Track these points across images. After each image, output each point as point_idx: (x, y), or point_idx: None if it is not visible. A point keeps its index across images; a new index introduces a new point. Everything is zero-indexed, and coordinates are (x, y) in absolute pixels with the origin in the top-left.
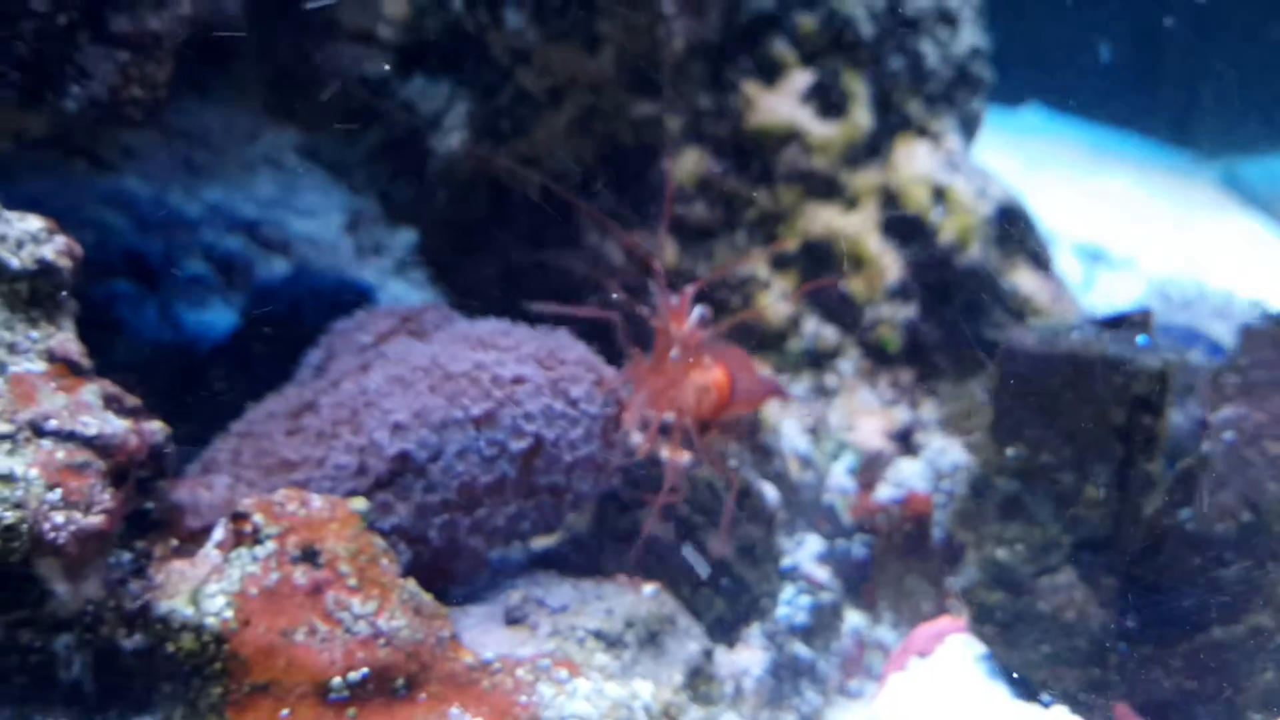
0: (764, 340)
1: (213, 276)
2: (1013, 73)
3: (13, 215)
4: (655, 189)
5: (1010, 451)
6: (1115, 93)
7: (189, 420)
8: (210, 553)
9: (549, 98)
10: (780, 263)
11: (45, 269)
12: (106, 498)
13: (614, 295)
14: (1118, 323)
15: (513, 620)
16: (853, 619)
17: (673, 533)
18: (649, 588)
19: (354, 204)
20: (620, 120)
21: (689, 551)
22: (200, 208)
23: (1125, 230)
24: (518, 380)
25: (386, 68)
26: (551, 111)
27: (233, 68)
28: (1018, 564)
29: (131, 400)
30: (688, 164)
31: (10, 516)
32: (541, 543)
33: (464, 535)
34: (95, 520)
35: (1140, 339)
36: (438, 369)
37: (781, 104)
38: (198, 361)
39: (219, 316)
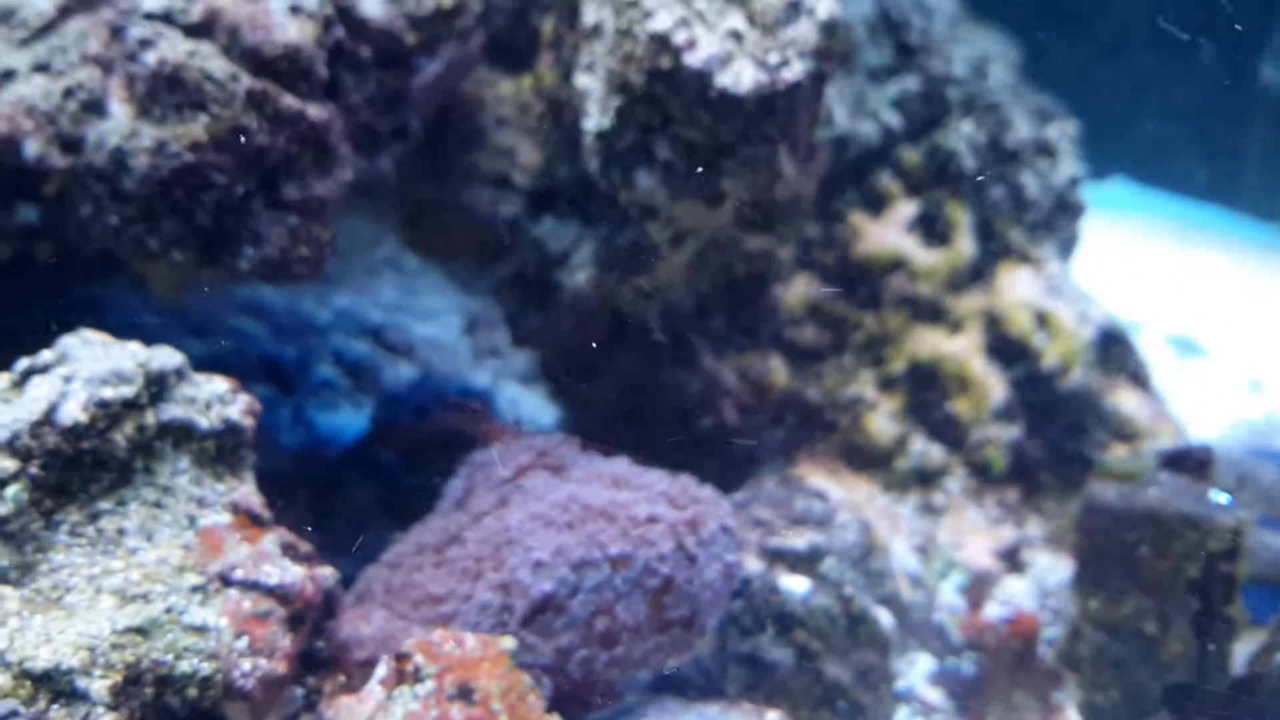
0: (871, 459)
1: (342, 380)
2: (1096, 146)
3: (201, 378)
4: (766, 313)
5: (1093, 604)
6: (1199, 166)
7: (328, 523)
8: (374, 689)
9: (671, 243)
10: (887, 384)
11: (230, 428)
12: (286, 643)
13: (726, 415)
14: (1180, 458)
15: None
16: None
17: (791, 657)
18: (772, 715)
19: (469, 306)
20: (733, 253)
21: None
22: (329, 314)
23: (1215, 314)
24: (652, 520)
25: (518, 210)
26: (673, 251)
27: (366, 203)
28: (1114, 709)
29: (305, 547)
30: (797, 290)
31: (206, 668)
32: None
33: (601, 669)
34: (278, 666)
35: (1216, 493)
36: (575, 506)
37: (888, 233)
38: (331, 466)
39: (349, 420)
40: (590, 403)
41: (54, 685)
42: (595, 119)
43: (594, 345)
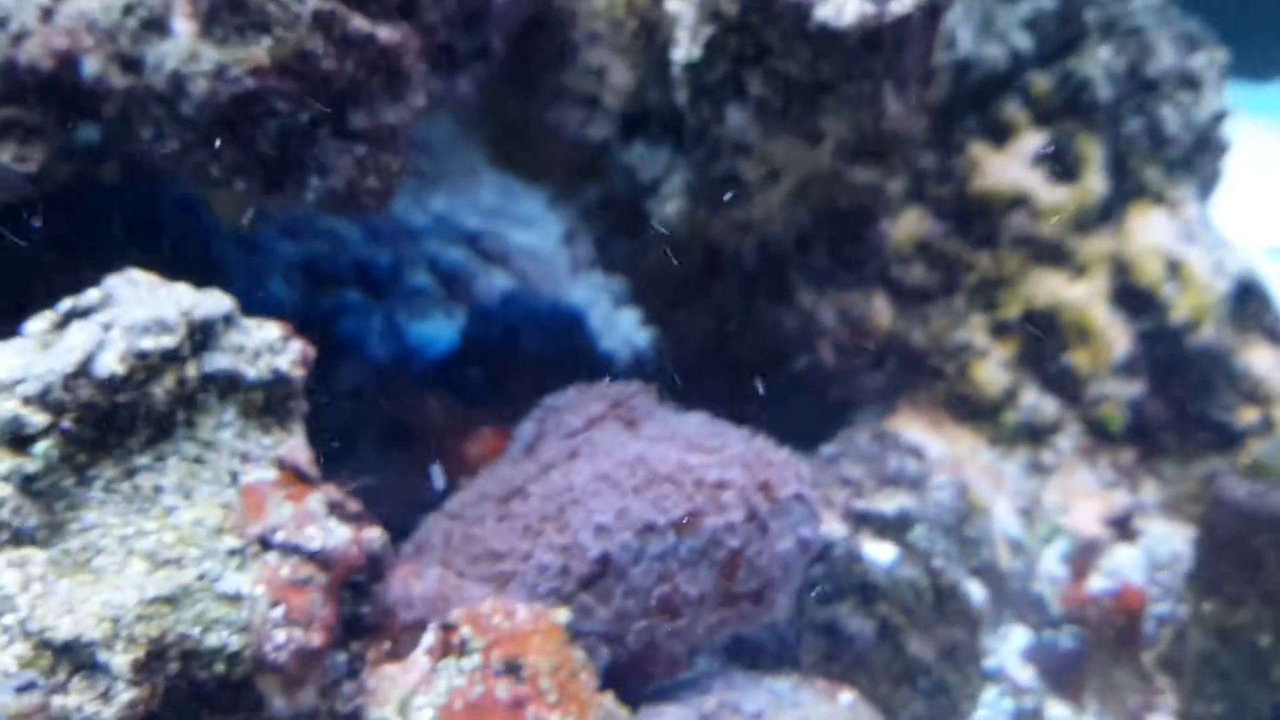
0: (977, 410)
1: (435, 288)
2: (1258, 42)
3: (251, 324)
4: (872, 249)
5: (1207, 607)
6: None
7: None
8: (419, 659)
9: (766, 180)
10: (999, 330)
11: (280, 378)
12: (326, 613)
13: (823, 355)
14: None
15: None
16: (1057, 711)
17: (872, 630)
18: (846, 696)
19: (568, 214)
20: (838, 185)
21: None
22: (426, 218)
23: None
24: (721, 485)
25: (608, 132)
26: (767, 187)
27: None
28: None
29: (353, 505)
30: (907, 225)
31: (235, 642)
32: None
33: (662, 640)
34: (314, 638)
35: None
36: (643, 468)
37: (1010, 166)
38: (418, 380)
39: (440, 330)
40: (684, 333)
41: (75, 657)
42: (685, 48)
43: (685, 277)
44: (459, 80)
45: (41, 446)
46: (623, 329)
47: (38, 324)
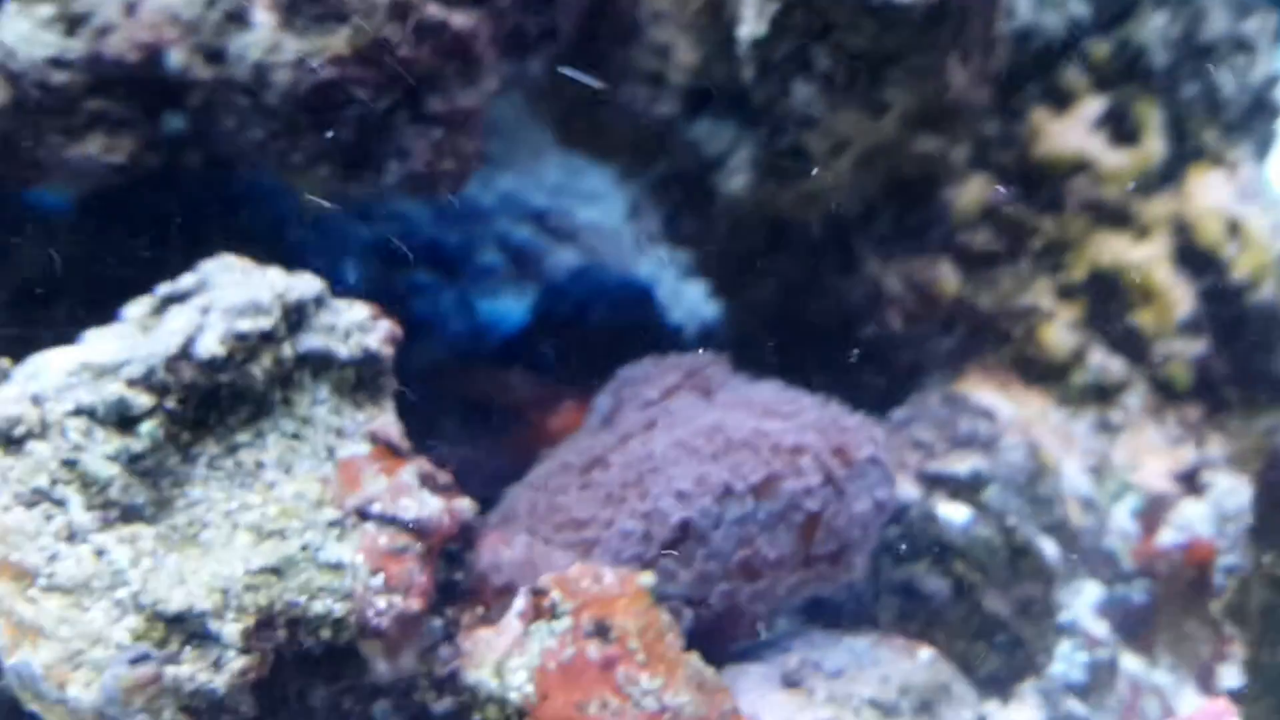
0: (1046, 372)
1: (505, 266)
2: None
3: (342, 305)
4: (937, 217)
5: (1265, 559)
6: None
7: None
8: (512, 622)
9: (831, 152)
10: (1066, 292)
11: (370, 356)
12: (423, 579)
13: (891, 323)
14: None
15: (790, 684)
16: (1130, 663)
17: (948, 588)
18: (925, 653)
19: (632, 190)
20: (902, 154)
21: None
22: (494, 198)
23: None
24: (798, 450)
25: (674, 109)
26: (832, 159)
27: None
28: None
29: (444, 477)
30: (972, 191)
31: (340, 609)
32: None
33: (744, 602)
34: (413, 603)
35: None
36: (720, 435)
37: (1071, 132)
38: (492, 357)
39: (510, 307)
40: (752, 304)
41: (186, 628)
42: (751, 25)
43: (752, 250)
44: (529, 62)
45: (147, 426)
46: (689, 301)
47: (136, 309)
